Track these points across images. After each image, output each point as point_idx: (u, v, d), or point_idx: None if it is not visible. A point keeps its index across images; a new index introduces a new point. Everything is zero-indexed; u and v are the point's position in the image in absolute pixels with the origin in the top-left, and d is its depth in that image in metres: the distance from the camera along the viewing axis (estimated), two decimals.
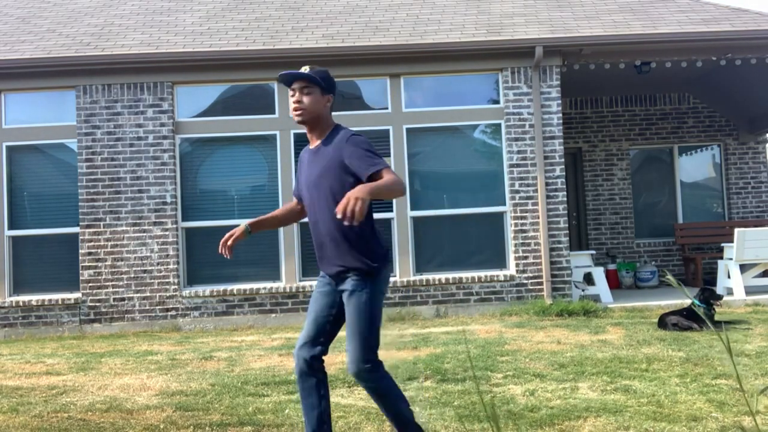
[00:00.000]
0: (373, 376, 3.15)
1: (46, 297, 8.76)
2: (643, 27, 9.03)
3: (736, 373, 1.30)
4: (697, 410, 3.98)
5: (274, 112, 9.07)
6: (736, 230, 8.98)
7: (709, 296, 6.95)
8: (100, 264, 8.79)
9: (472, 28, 9.18)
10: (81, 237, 8.81)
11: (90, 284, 8.76)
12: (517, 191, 8.92)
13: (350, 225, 2.87)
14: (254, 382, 5.16)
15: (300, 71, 3.22)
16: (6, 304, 8.73)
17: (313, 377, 3.23)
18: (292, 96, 3.23)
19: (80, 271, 8.79)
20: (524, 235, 8.87)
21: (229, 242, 3.25)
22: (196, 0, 10.56)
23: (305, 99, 3.20)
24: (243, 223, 3.38)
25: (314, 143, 3.28)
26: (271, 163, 9.08)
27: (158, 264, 8.79)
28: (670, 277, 1.59)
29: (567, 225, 8.92)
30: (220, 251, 3.25)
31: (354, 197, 2.75)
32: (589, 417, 3.92)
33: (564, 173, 9.00)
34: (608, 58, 9.09)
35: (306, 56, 8.78)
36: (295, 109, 3.21)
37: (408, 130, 9.05)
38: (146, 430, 3.97)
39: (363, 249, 3.18)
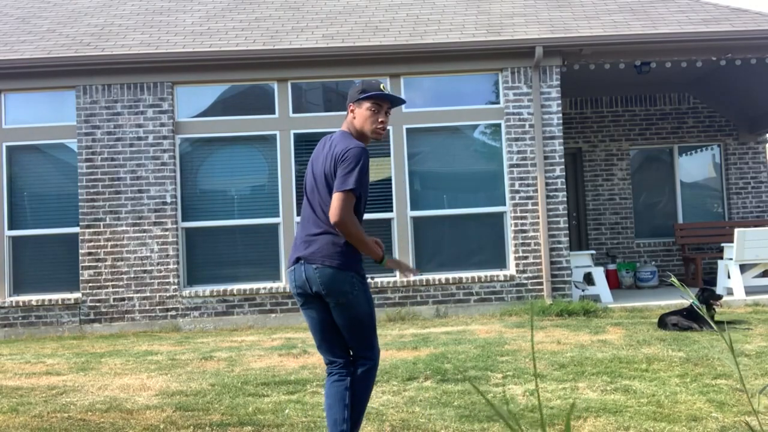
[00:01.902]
0: None
1: (46, 297, 8.77)
2: (643, 27, 9.03)
3: (739, 372, 1.30)
4: (697, 410, 3.98)
5: (274, 112, 9.07)
6: (736, 230, 8.98)
7: (709, 296, 6.95)
8: (100, 264, 8.79)
9: (472, 28, 9.18)
10: (81, 237, 8.81)
11: (90, 284, 8.76)
12: (517, 191, 8.92)
13: None
14: (254, 382, 5.16)
15: (395, 95, 3.39)
16: (6, 304, 8.73)
17: None
18: (376, 112, 3.30)
19: (80, 271, 8.79)
20: (524, 235, 8.87)
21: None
22: (196, 0, 10.56)
23: (387, 120, 3.39)
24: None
25: None
26: (271, 163, 9.08)
27: (158, 264, 8.79)
28: (673, 279, 1.58)
29: (567, 225, 8.92)
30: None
31: None
32: (589, 417, 3.92)
33: (564, 173, 9.00)
34: (608, 58, 9.09)
35: (306, 56, 8.78)
36: (383, 129, 3.35)
37: (408, 130, 9.05)
38: (146, 430, 3.97)
39: None
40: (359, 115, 3.30)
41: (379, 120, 3.29)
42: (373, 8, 10.01)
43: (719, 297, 6.99)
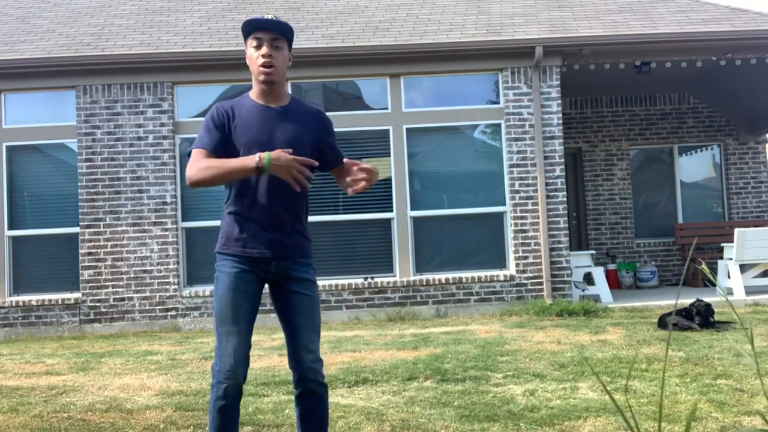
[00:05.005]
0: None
1: (46, 297, 8.76)
2: (643, 27, 9.03)
3: (757, 367, 1.29)
4: (697, 410, 3.98)
5: None
6: (736, 230, 8.98)
7: (705, 307, 6.87)
8: (100, 264, 8.79)
9: (472, 28, 9.18)
10: (81, 237, 8.81)
11: (90, 284, 8.76)
12: (517, 191, 8.92)
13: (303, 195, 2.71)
14: (254, 382, 5.16)
15: (274, 18, 2.72)
16: (6, 304, 8.73)
17: (239, 400, 2.74)
18: (257, 47, 2.72)
19: (80, 271, 8.79)
20: (524, 235, 8.87)
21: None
22: (196, 0, 10.56)
23: (276, 54, 2.73)
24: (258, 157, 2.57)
25: (268, 104, 2.80)
26: None
27: (158, 264, 8.79)
28: (704, 267, 1.58)
29: (567, 225, 8.92)
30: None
31: (374, 177, 2.62)
32: (589, 417, 3.92)
33: (564, 173, 9.00)
34: (608, 58, 9.09)
35: (306, 56, 8.78)
36: (266, 65, 2.70)
37: (408, 130, 9.05)
38: (146, 430, 3.97)
39: (308, 229, 2.87)
40: (247, 59, 2.79)
41: (261, 54, 2.71)
42: (373, 8, 10.01)
43: (713, 311, 6.94)
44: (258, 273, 2.74)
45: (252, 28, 2.74)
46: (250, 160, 2.53)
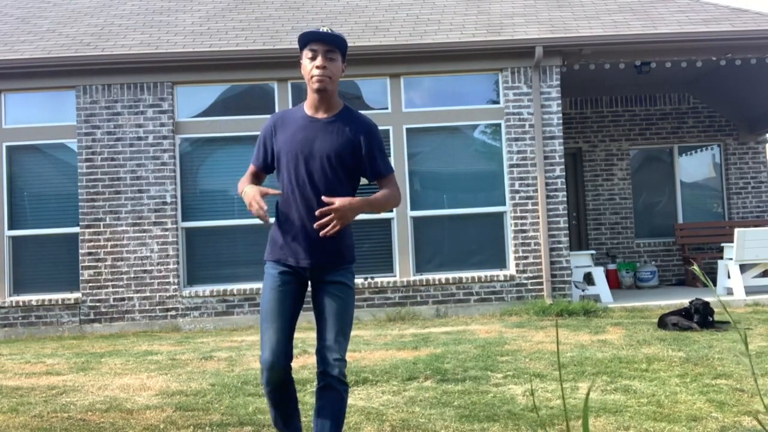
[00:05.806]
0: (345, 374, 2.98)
1: (46, 297, 8.76)
2: (643, 27, 9.03)
3: (752, 368, 1.30)
4: (697, 410, 3.98)
5: (274, 112, 9.06)
6: (736, 230, 8.98)
7: (704, 306, 6.87)
8: (100, 264, 8.79)
9: (472, 28, 9.18)
10: (81, 237, 8.81)
11: (90, 284, 8.76)
12: (517, 191, 8.92)
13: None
14: (254, 382, 5.16)
15: (329, 32, 2.88)
16: (6, 304, 8.73)
17: (292, 382, 3.00)
18: (312, 59, 2.87)
19: (80, 271, 8.78)
20: (524, 235, 8.87)
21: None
22: (196, 0, 10.56)
23: (330, 65, 2.88)
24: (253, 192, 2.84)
25: (316, 115, 2.95)
26: None
27: (158, 264, 8.79)
28: (695, 268, 1.58)
29: (567, 225, 8.92)
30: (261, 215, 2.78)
31: (344, 214, 2.72)
32: (588, 417, 3.92)
33: (564, 173, 9.00)
34: (608, 58, 9.09)
35: None
36: (321, 75, 2.84)
37: (408, 130, 9.05)
38: (146, 430, 3.97)
39: (351, 236, 3.03)
40: (302, 70, 2.94)
41: (315, 66, 2.85)
42: (373, 8, 10.01)
43: (712, 311, 6.92)
44: (298, 275, 2.96)
45: (308, 40, 2.90)
46: (240, 188, 2.96)
